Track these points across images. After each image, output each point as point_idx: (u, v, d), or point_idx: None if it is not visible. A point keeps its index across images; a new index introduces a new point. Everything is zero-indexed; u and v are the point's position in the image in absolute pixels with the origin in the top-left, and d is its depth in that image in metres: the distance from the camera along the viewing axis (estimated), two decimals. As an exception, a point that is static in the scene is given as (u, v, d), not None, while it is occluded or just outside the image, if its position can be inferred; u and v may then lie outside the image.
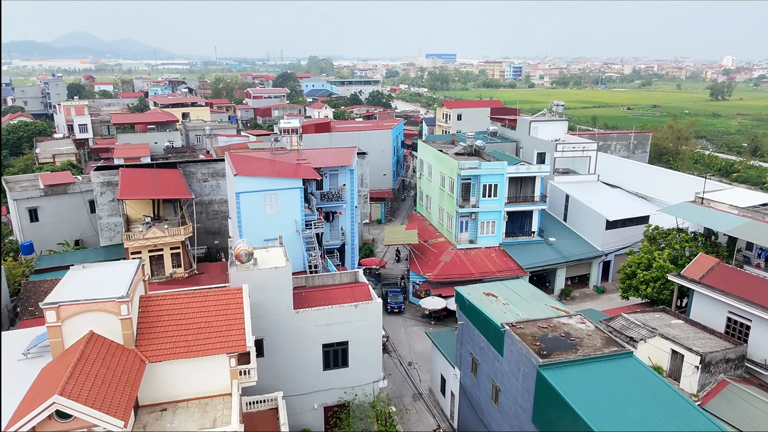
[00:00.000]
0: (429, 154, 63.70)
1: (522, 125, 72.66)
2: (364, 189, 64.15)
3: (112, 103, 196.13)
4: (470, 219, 55.35)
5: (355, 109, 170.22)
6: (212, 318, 24.28)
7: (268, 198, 38.52)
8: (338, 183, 44.92)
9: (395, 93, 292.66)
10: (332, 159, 45.10)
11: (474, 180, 54.13)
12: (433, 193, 62.56)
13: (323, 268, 39.91)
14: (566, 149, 64.50)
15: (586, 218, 57.27)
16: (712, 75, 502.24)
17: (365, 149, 76.18)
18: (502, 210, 55.15)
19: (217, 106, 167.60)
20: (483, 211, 54.77)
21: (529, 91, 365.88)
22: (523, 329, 27.18)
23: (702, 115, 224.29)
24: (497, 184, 54.49)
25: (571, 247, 55.83)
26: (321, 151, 48.54)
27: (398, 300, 50.13)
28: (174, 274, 45.41)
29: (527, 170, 54.95)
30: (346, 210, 45.29)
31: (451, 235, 56.80)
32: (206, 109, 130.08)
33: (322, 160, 44.82)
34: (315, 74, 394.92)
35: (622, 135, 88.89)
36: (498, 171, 54.02)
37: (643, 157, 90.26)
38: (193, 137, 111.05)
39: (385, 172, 78.54)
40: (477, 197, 54.57)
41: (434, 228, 62.20)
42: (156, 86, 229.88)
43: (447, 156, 57.87)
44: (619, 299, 53.46)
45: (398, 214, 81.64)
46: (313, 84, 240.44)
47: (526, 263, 52.42)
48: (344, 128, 79.41)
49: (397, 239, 53.77)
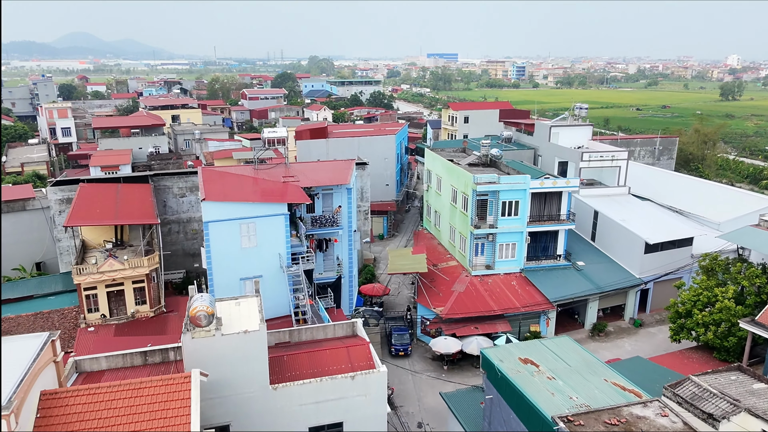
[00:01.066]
0: (438, 165, 56.22)
1: (541, 131, 65.13)
2: (364, 204, 56.72)
3: (103, 104, 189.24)
4: (487, 241, 47.86)
5: (355, 110, 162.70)
6: (143, 424, 16.83)
7: (245, 227, 31.16)
8: (333, 204, 37.51)
9: (397, 93, 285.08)
10: (326, 176, 37.68)
11: (491, 196, 46.65)
12: (443, 208, 55.08)
13: (313, 313, 32.46)
14: (593, 158, 56.95)
15: (620, 240, 49.73)
16: (719, 74, 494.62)
17: (366, 157, 68.74)
18: (524, 231, 47.67)
19: (211, 107, 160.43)
20: (502, 232, 47.30)
21: (534, 91, 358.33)
22: (583, 427, 19.68)
23: (715, 116, 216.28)
24: (518, 201, 47.02)
25: (603, 274, 48.29)
26: (313, 166, 41.07)
27: (404, 341, 42.54)
28: (137, 314, 37.97)
29: (553, 185, 47.44)
30: (343, 237, 37.87)
31: (464, 259, 49.33)
32: (197, 112, 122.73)
33: (314, 177, 37.42)
34: (315, 74, 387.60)
35: (646, 140, 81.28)
36: (520, 186, 46.53)
37: (669, 164, 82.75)
38: (182, 142, 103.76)
39: (387, 182, 71.07)
40: (495, 216, 47.10)
41: (444, 249, 54.72)
42: (151, 87, 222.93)
43: (459, 168, 50.39)
44: (660, 335, 46.12)
45: (403, 228, 74.15)
46: (313, 84, 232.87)
47: (553, 295, 44.91)
48: (342, 134, 71.96)
49: (402, 266, 46.22)
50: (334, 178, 37.10)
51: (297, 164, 40.70)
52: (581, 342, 45.06)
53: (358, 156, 60.86)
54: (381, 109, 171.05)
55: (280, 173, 37.75)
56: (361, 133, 72.08)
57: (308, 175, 37.91)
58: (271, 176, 36.80)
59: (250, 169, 38.46)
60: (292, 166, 39.73)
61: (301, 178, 36.59)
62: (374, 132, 72.61)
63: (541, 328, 45.24)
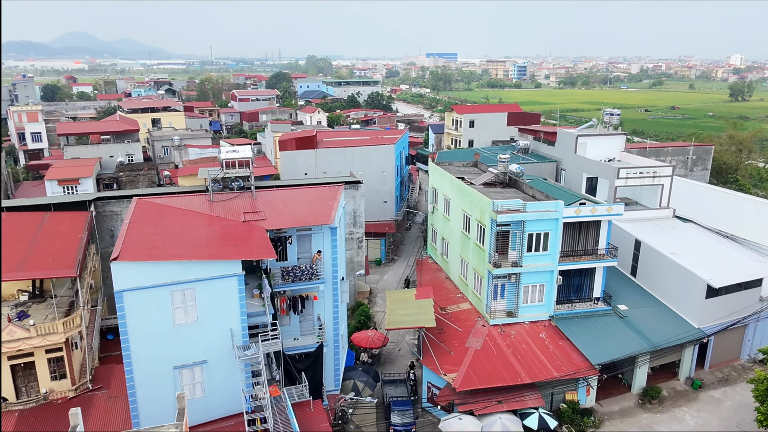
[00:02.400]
0: (446, 184, 46.86)
1: (565, 140, 55.77)
2: (357, 230, 47.43)
3: (87, 106, 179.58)
4: (508, 282, 38.51)
5: (352, 113, 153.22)
6: None
7: (180, 296, 21.88)
8: (312, 248, 28.16)
9: (396, 94, 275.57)
10: (302, 212, 28.27)
11: (515, 227, 37.28)
12: (452, 236, 45.74)
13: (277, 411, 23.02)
14: (632, 175, 47.61)
15: (672, 279, 40.35)
16: (723, 74, 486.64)
17: (361, 170, 59.44)
18: (555, 269, 38.32)
19: (198, 110, 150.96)
20: (528, 271, 37.94)
21: (537, 91, 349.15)
22: None
23: (728, 117, 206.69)
24: (549, 232, 37.67)
25: (653, 322, 38.89)
26: (287, 196, 31.48)
27: (407, 418, 32.94)
28: (50, 394, 28.55)
29: (592, 213, 38.05)
30: (325, 291, 28.46)
31: (480, 303, 40.00)
32: (180, 115, 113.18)
33: (287, 213, 28.05)
34: (313, 74, 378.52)
35: (678, 149, 71.92)
36: (551, 214, 37.15)
37: (703, 175, 73.45)
38: (160, 149, 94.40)
39: (385, 198, 61.71)
40: (519, 251, 37.74)
41: (454, 286, 45.39)
42: (140, 87, 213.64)
43: (473, 190, 40.97)
44: (728, 402, 36.95)
45: (403, 251, 64.71)
46: (308, 85, 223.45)
47: (595, 354, 35.49)
48: (334, 143, 62.56)
49: (404, 319, 36.57)
50: (312, 216, 27.67)
51: (266, 192, 31.19)
52: (630, 411, 35.89)
53: (351, 172, 51.57)
54: (379, 111, 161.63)
55: (242, 207, 28.41)
56: (356, 142, 62.69)
57: (279, 209, 28.53)
58: (229, 211, 27.49)
59: (203, 200, 29.07)
60: (260, 195, 30.28)
61: (268, 215, 27.28)
62: (371, 141, 63.22)
63: (579, 397, 35.91)
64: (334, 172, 59.24)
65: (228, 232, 24.03)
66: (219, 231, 24.48)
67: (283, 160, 59.29)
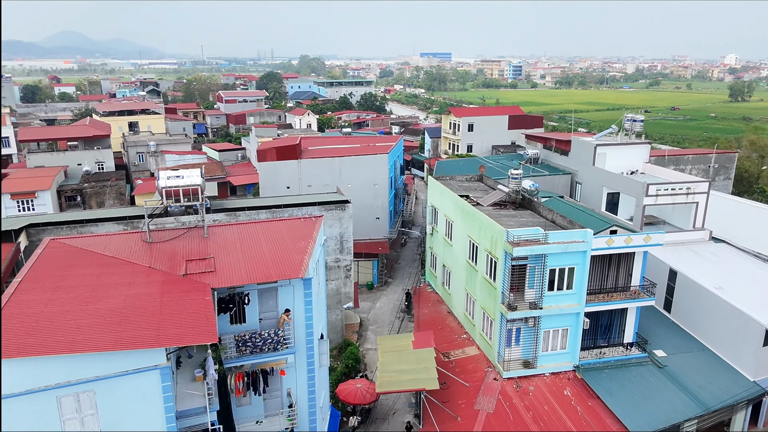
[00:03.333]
0: (447, 202, 40.20)
1: (581, 150, 49.23)
2: (345, 257, 40.71)
3: (67, 107, 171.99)
4: (525, 325, 31.93)
5: (344, 114, 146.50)
6: None
7: (73, 403, 15.06)
8: (278, 305, 21.40)
9: (390, 94, 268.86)
10: (264, 261, 21.30)
11: (533, 261, 30.68)
12: (456, 265, 39.12)
13: None
14: (662, 191, 41.10)
15: (719, 319, 33.86)
16: (719, 74, 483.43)
17: (351, 182, 53.02)
18: (581, 311, 31.79)
19: (182, 112, 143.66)
20: (549, 314, 31.38)
21: (533, 91, 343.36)
22: None
23: (730, 119, 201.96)
24: (574, 267, 31.11)
25: (698, 374, 32.37)
26: (251, 233, 24.32)
27: None
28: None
29: (627, 243, 31.51)
30: (297, 362, 21.65)
31: (490, 349, 33.41)
32: (160, 118, 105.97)
33: (245, 263, 21.20)
34: (306, 74, 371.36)
35: (699, 156, 65.57)
36: (577, 246, 30.58)
37: (725, 185, 67.17)
38: (134, 155, 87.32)
39: (378, 214, 55.02)
40: (539, 289, 31.15)
41: (458, 324, 38.78)
42: (125, 88, 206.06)
43: (482, 214, 34.30)
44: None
45: (398, 272, 58.03)
46: (299, 85, 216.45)
47: (634, 419, 28.87)
48: (320, 152, 55.77)
49: (399, 379, 29.63)
50: (277, 266, 20.74)
51: (223, 229, 24.34)
52: (675, 489, 29.19)
53: (337, 188, 44.87)
54: (372, 113, 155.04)
55: (188, 250, 21.69)
56: (345, 151, 55.93)
57: (236, 254, 21.79)
58: (168, 258, 20.77)
59: (139, 240, 22.23)
60: (214, 233, 23.48)
61: (221, 263, 20.59)
62: (361, 150, 56.46)
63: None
64: (319, 185, 52.61)
65: (153, 302, 17.15)
66: (143, 296, 17.63)
67: (263, 173, 52.48)
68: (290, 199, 41.25)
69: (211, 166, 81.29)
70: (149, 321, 16.08)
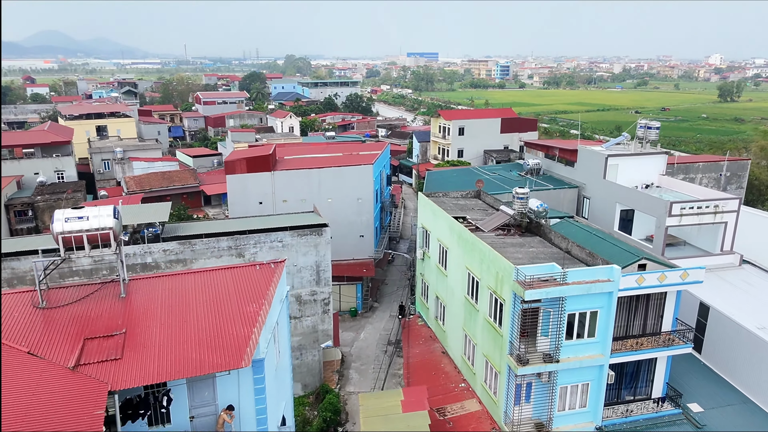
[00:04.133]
0: (441, 225, 34.53)
1: (589, 161, 43.83)
2: (322, 289, 34.90)
3: (38, 109, 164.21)
4: (538, 380, 26.37)
5: (328, 117, 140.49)
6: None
7: None
8: (216, 399, 15.43)
9: (376, 95, 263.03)
10: (193, 344, 15.31)
11: (548, 304, 25.12)
12: (451, 299, 33.51)
13: None
14: (687, 210, 35.78)
15: (762, 364, 28.58)
16: (705, 74, 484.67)
17: (331, 195, 47.39)
18: (605, 363, 26.31)
19: (158, 114, 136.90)
20: (567, 368, 25.85)
21: (522, 91, 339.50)
22: None
23: (722, 120, 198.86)
24: (598, 311, 25.61)
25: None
26: (182, 292, 18.15)
27: None
28: None
29: (661, 281, 26.07)
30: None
31: (494, 407, 27.83)
32: (131, 121, 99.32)
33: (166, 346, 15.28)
34: (291, 74, 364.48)
35: (709, 164, 60.55)
36: (601, 286, 25.07)
37: (738, 194, 62.19)
38: (99, 162, 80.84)
39: (362, 232, 49.27)
40: (555, 339, 25.59)
41: (453, 368, 33.16)
42: (101, 88, 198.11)
43: (483, 244, 28.61)
44: None
45: (385, 295, 52.22)
46: (283, 86, 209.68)
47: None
48: (297, 162, 49.87)
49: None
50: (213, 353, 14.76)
51: (146, 283, 18.37)
52: None
53: (314, 207, 39.05)
54: (358, 115, 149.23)
55: (92, 319, 15.76)
56: (325, 162, 50.13)
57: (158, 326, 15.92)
58: (61, 333, 14.89)
59: (26, 304, 16.25)
60: (134, 290, 17.50)
61: (132, 343, 14.74)
62: (343, 161, 50.67)
63: None
64: (296, 200, 46.78)
65: (12, 423, 11.30)
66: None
67: (231, 187, 46.47)
68: (259, 222, 35.39)
69: (182, 173, 75.17)
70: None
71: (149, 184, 69.80)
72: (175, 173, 74.67)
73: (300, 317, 34.89)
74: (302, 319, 34.86)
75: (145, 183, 70.34)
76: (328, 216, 40.77)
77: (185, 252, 31.10)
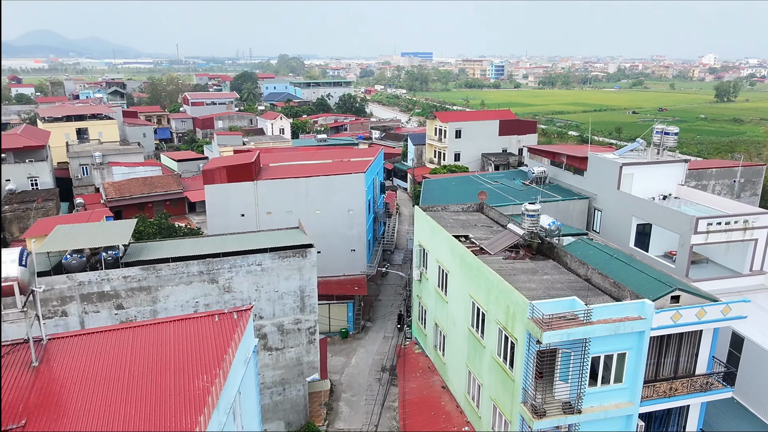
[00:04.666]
0: (441, 245, 30.70)
1: (601, 170, 40.13)
2: (307, 317, 31.04)
3: (22, 110, 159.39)
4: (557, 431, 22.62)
5: (320, 118, 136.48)
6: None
7: None
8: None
9: (370, 95, 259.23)
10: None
11: (568, 346, 21.37)
12: (453, 329, 29.71)
13: None
14: (714, 227, 32.14)
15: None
16: (699, 74, 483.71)
17: (320, 206, 43.62)
18: (635, 413, 22.58)
19: (145, 115, 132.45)
20: (591, 419, 22.10)
21: (517, 91, 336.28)
22: None
23: (721, 120, 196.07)
24: (626, 353, 21.89)
25: (793, 494, 23.46)
26: (124, 348, 14.55)
27: None
28: None
29: (700, 318, 22.38)
30: None
31: (505, 460, 24.04)
32: (113, 123, 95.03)
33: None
34: (284, 74, 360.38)
35: (723, 170, 57.02)
36: (632, 325, 21.33)
37: (752, 202, 58.69)
38: (77, 168, 76.61)
39: (353, 246, 45.41)
40: (577, 386, 21.84)
41: (455, 406, 29.34)
42: (89, 89, 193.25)
43: (491, 272, 24.79)
44: None
45: (378, 314, 48.41)
46: (275, 86, 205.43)
47: None
48: (283, 170, 45.94)
49: None
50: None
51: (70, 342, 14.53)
52: None
53: (299, 222, 35.16)
54: (351, 116, 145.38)
55: None
56: (313, 170, 46.26)
57: (75, 410, 12.13)
58: None
59: None
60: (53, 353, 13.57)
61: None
62: (333, 168, 46.80)
63: None
64: (281, 211, 42.90)
65: None
66: None
67: (210, 197, 42.49)
68: (236, 240, 31.45)
69: (165, 179, 71.01)
70: None
71: (129, 191, 65.79)
72: (158, 179, 70.53)
73: (282, 348, 31.04)
74: (285, 350, 31.01)
75: (125, 189, 66.31)
76: (316, 229, 37.04)
77: (149, 278, 27.18)
